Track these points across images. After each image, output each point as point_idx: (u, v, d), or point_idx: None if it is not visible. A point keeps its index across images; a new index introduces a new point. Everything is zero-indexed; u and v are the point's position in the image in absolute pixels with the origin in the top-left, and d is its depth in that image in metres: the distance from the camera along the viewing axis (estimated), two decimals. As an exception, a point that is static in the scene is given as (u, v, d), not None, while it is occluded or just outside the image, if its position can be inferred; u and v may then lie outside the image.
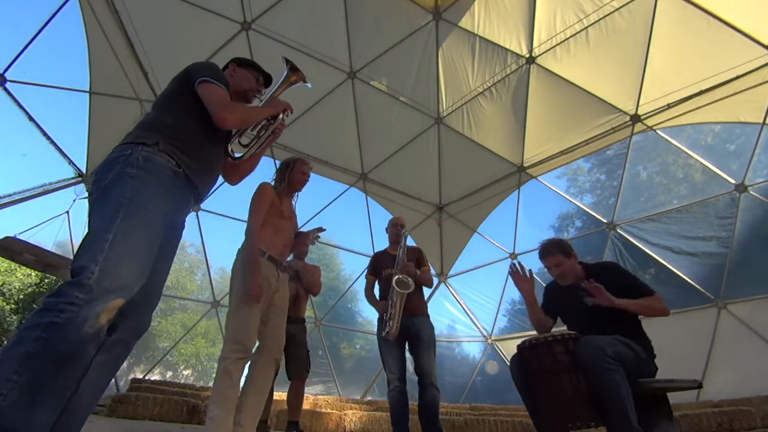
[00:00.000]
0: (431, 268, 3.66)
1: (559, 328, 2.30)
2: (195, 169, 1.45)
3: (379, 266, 3.32)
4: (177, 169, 1.38)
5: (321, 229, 2.84)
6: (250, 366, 2.28)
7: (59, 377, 0.99)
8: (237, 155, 1.75)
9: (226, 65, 1.83)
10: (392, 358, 2.95)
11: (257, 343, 2.33)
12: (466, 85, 6.98)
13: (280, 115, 1.76)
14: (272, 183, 2.61)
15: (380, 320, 3.11)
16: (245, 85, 1.78)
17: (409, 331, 2.95)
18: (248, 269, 2.17)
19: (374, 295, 3.30)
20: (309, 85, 1.91)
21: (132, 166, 1.27)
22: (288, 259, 2.92)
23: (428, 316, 3.13)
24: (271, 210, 2.42)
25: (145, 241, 1.23)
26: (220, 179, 1.76)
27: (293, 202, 2.68)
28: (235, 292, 2.23)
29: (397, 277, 2.94)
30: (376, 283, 3.35)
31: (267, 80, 1.87)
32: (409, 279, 2.92)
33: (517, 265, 2.62)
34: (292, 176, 2.61)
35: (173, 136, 1.40)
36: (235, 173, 1.79)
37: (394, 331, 2.84)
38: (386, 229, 3.53)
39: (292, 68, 1.85)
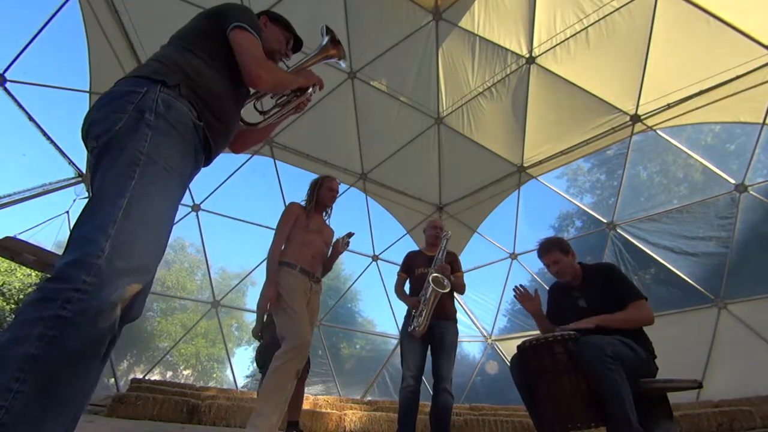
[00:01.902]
0: None
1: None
2: (214, 128, 1.22)
3: (412, 265, 3.33)
4: (197, 122, 1.15)
5: (350, 234, 2.90)
6: None
7: (72, 380, 0.81)
8: (250, 122, 1.56)
9: (258, 15, 1.57)
10: (413, 356, 2.93)
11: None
12: (466, 85, 6.98)
13: (310, 89, 1.56)
14: (302, 202, 2.82)
15: (407, 316, 3.11)
16: (275, 45, 1.55)
17: (434, 333, 2.94)
18: (265, 281, 2.39)
19: (404, 291, 3.31)
20: (342, 64, 1.78)
21: (150, 111, 1.03)
22: None
23: (456, 321, 3.12)
24: (297, 225, 2.61)
25: (164, 210, 1.02)
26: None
27: (325, 218, 2.86)
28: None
29: (434, 274, 2.92)
30: (407, 281, 3.37)
31: (296, 46, 1.68)
32: (446, 280, 2.91)
33: (521, 288, 2.62)
34: (320, 194, 2.79)
35: (197, 83, 1.16)
36: (243, 141, 1.56)
37: (422, 328, 2.83)
38: (423, 230, 3.55)
39: (333, 40, 1.64)
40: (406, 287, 3.38)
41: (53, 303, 0.79)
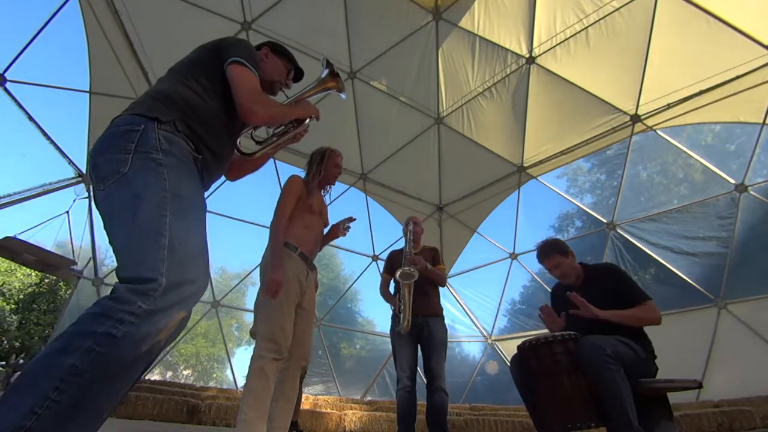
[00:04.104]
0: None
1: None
2: (209, 162, 1.24)
3: (395, 264, 3.27)
4: (196, 155, 1.18)
5: (351, 219, 2.65)
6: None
7: (101, 398, 0.84)
8: (246, 151, 1.56)
9: (259, 47, 1.59)
10: (405, 356, 2.92)
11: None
12: (466, 85, 6.98)
13: (307, 120, 1.57)
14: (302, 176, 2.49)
15: (394, 317, 3.11)
16: (275, 76, 1.58)
17: (422, 332, 2.94)
18: (271, 264, 2.07)
19: (389, 292, 3.30)
20: (343, 95, 1.77)
21: (156, 150, 1.05)
22: None
23: (443, 317, 3.12)
24: (300, 205, 2.31)
25: (200, 240, 1.08)
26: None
27: (324, 196, 2.55)
28: (262, 290, 2.12)
29: (401, 270, 2.91)
30: (393, 281, 3.32)
31: (296, 75, 1.69)
32: (413, 269, 2.88)
33: (547, 307, 2.56)
34: (327, 169, 2.49)
35: (193, 118, 1.19)
36: (238, 170, 1.59)
37: (405, 324, 2.82)
38: (402, 229, 3.53)
39: (332, 73, 1.68)
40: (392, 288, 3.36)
41: (109, 320, 0.84)
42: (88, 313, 0.85)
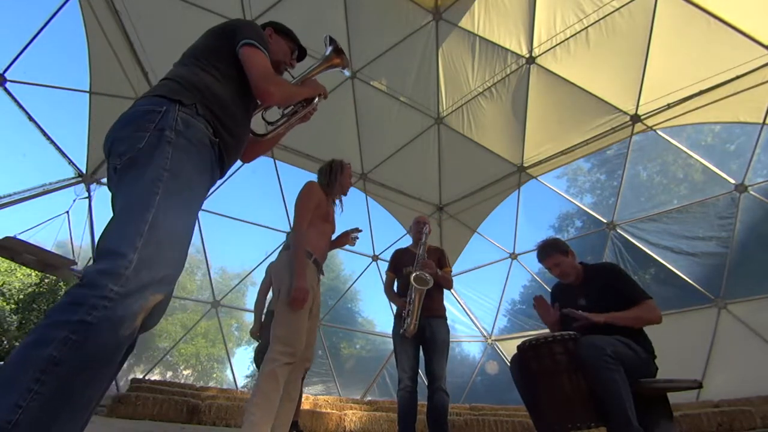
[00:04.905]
0: None
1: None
2: (228, 144, 1.26)
3: (399, 264, 3.29)
4: (213, 138, 1.19)
5: (358, 230, 2.72)
6: None
7: (87, 387, 0.84)
8: (258, 132, 1.59)
9: (262, 27, 1.59)
10: (406, 357, 2.92)
11: None
12: (466, 85, 6.98)
13: (316, 99, 1.61)
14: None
15: (397, 317, 3.10)
16: (280, 56, 1.59)
17: (425, 333, 2.94)
18: (294, 272, 2.10)
19: (394, 292, 3.29)
20: (347, 72, 1.83)
21: (171, 129, 1.07)
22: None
23: (446, 318, 3.11)
24: (317, 212, 2.36)
25: (185, 225, 1.07)
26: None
27: (336, 207, 2.61)
28: (283, 294, 2.14)
29: (415, 273, 2.90)
30: (396, 280, 3.34)
31: (300, 55, 1.72)
32: (428, 275, 2.88)
33: (541, 298, 2.55)
34: (343, 180, 2.54)
35: (212, 101, 1.21)
36: (252, 151, 1.60)
37: (412, 329, 2.82)
38: (409, 227, 3.52)
39: (336, 50, 1.72)
40: (396, 287, 3.35)
41: (81, 308, 0.83)
42: (59, 304, 0.84)
